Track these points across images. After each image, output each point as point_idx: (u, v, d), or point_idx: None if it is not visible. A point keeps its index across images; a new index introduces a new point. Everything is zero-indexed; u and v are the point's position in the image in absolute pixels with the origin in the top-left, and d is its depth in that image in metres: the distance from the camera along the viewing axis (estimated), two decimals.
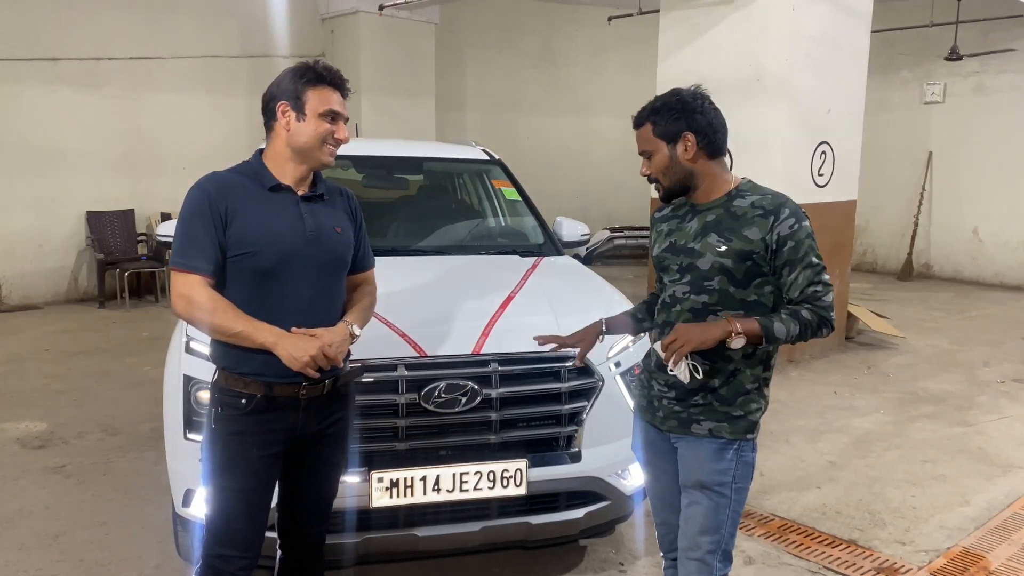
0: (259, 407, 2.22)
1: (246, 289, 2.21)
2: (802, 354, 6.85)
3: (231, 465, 2.24)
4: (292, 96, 2.23)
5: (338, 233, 2.35)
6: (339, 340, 2.25)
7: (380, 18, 10.39)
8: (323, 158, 2.28)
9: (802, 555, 3.55)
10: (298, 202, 2.29)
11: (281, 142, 2.27)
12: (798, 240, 2.18)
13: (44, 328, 7.63)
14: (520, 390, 2.88)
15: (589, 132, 13.17)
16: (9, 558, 3.42)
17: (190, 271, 2.17)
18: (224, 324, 2.16)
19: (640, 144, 2.31)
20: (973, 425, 5.34)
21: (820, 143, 6.75)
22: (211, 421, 2.26)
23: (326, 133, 2.25)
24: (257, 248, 2.19)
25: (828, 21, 6.63)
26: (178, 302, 2.20)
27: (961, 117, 11.05)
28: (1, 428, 4.98)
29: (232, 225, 2.19)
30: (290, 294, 2.23)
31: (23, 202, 8.61)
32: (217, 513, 2.27)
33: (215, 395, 2.27)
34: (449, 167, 5.15)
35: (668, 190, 2.32)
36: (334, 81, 2.27)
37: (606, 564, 3.43)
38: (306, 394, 2.25)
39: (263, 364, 2.19)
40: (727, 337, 2.13)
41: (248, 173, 2.30)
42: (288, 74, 2.27)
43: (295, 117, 2.23)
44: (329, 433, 2.36)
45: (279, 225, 2.23)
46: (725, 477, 2.26)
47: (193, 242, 2.18)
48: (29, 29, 8.52)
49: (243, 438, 2.23)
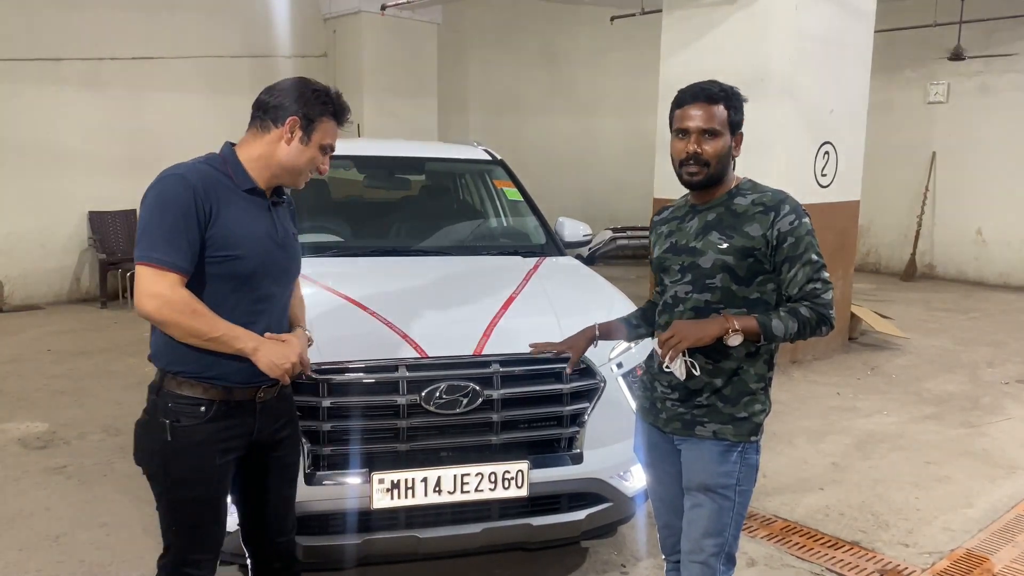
0: (219, 413, 2.14)
1: (220, 292, 2.11)
2: (805, 355, 6.84)
3: (196, 477, 2.15)
4: (307, 117, 2.16)
5: (296, 239, 2.36)
6: (306, 346, 2.27)
7: (382, 18, 10.38)
8: (301, 183, 2.26)
9: (805, 557, 3.53)
10: (269, 207, 2.25)
11: (271, 151, 2.18)
12: (798, 236, 2.17)
13: (46, 328, 7.63)
14: (521, 391, 2.86)
15: (591, 132, 13.16)
16: (10, 559, 3.41)
17: (167, 268, 2.02)
18: (203, 328, 2.04)
19: (706, 121, 2.19)
20: (977, 426, 5.32)
21: (823, 143, 6.74)
22: (167, 433, 2.11)
23: (316, 164, 2.22)
24: (240, 252, 2.11)
25: (831, 21, 6.61)
26: (149, 302, 2.02)
27: (965, 117, 11.01)
28: (2, 428, 4.97)
29: (215, 224, 2.09)
30: (265, 300, 2.19)
31: (25, 202, 8.61)
32: (184, 525, 2.20)
33: (166, 404, 2.12)
34: (451, 167, 5.15)
35: (710, 177, 2.23)
36: (342, 120, 2.25)
37: (608, 566, 3.42)
38: (263, 396, 2.21)
39: (228, 370, 2.12)
40: (724, 334, 2.11)
41: (221, 168, 2.18)
42: (309, 93, 2.18)
43: (300, 138, 2.17)
44: (284, 436, 2.33)
45: (258, 230, 2.18)
46: (729, 480, 2.25)
47: (173, 236, 2.03)
48: (31, 29, 8.52)
49: (204, 448, 2.13)
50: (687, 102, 2.23)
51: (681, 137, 2.23)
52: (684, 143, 2.22)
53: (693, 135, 2.20)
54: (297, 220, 2.46)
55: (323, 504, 2.71)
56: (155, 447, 2.15)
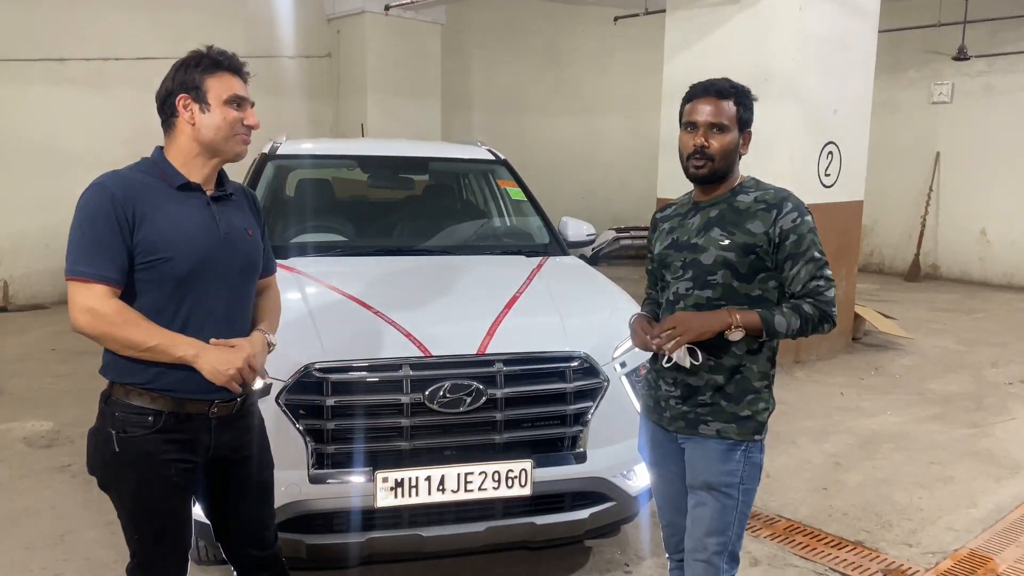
0: (168, 424, 2.04)
1: (157, 299, 2.02)
2: (808, 355, 6.83)
3: (148, 489, 2.07)
4: (191, 87, 2.05)
5: (249, 235, 2.21)
6: (259, 351, 2.14)
7: (386, 18, 10.39)
8: (236, 148, 2.12)
9: (808, 556, 3.53)
10: (208, 202, 2.12)
11: (186, 138, 2.08)
12: (800, 234, 2.17)
13: (51, 328, 7.66)
14: (525, 390, 2.87)
15: (595, 132, 13.15)
16: (15, 557, 3.42)
17: (94, 280, 1.94)
18: (137, 338, 1.95)
19: (714, 115, 2.20)
20: (981, 427, 5.31)
21: (827, 143, 6.73)
22: (114, 444, 2.03)
23: (235, 121, 2.08)
24: (170, 254, 2.00)
25: (835, 21, 6.60)
26: (80, 316, 1.95)
27: (969, 117, 10.99)
28: (8, 427, 4.99)
29: (140, 229, 1.99)
30: (206, 302, 2.07)
31: (30, 202, 8.63)
32: (145, 533, 2.13)
33: (114, 414, 2.04)
34: (454, 167, 5.16)
35: (714, 171, 2.23)
36: (232, 66, 2.11)
37: (611, 565, 3.42)
38: (217, 412, 2.11)
39: (177, 380, 2.03)
40: (726, 329, 2.12)
41: (151, 171, 2.09)
42: (181, 65, 2.08)
43: (199, 109, 2.06)
44: (248, 454, 2.24)
45: (192, 228, 2.05)
46: (732, 478, 2.25)
47: (96, 248, 1.95)
48: (36, 30, 8.55)
49: (153, 459, 2.04)
50: (698, 96, 2.25)
51: (689, 130, 2.25)
52: (692, 136, 2.23)
53: (701, 128, 2.21)
54: (260, 212, 2.35)
55: (327, 502, 2.72)
56: (105, 458, 2.08)
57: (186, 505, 2.16)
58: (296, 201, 4.69)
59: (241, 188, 2.34)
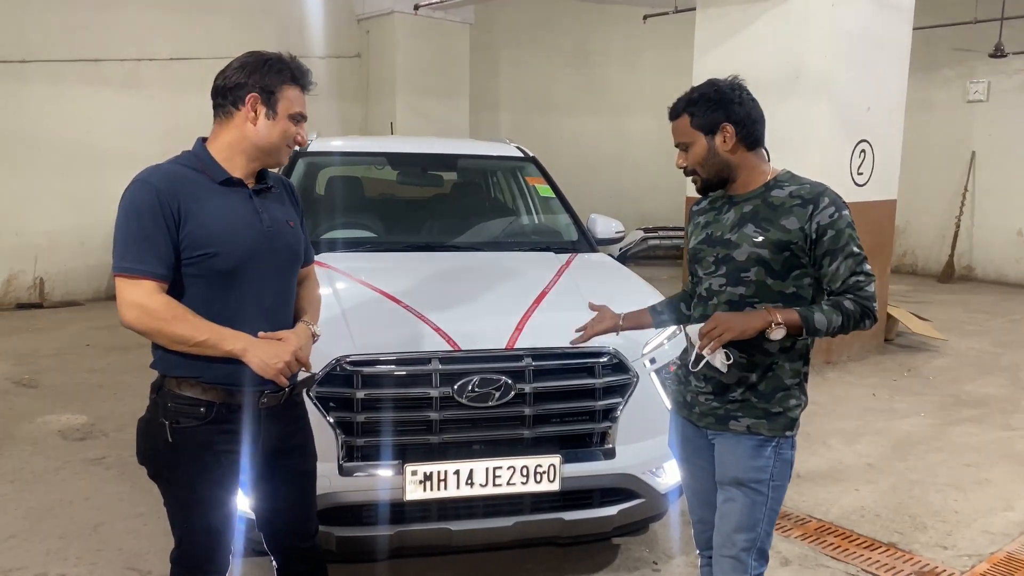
0: (219, 415, 2.07)
1: (204, 293, 2.04)
2: (840, 356, 6.75)
3: (198, 479, 2.10)
4: (266, 91, 2.07)
5: (291, 227, 2.23)
6: (305, 343, 2.15)
7: (415, 18, 10.44)
8: (281, 158, 2.16)
9: (840, 557, 3.49)
10: (251, 196, 2.14)
11: (240, 135, 2.09)
12: (838, 229, 2.14)
13: (85, 324, 7.77)
14: (553, 385, 2.86)
15: (624, 132, 13.11)
16: (51, 546, 3.48)
17: (143, 276, 1.96)
18: (186, 334, 1.97)
19: (676, 136, 2.27)
20: (1018, 429, 5.20)
21: (859, 141, 6.64)
22: (168, 435, 2.06)
23: (292, 135, 2.13)
24: (216, 248, 2.02)
25: (869, 17, 6.51)
26: (129, 312, 1.97)
27: (1006, 116, 10.78)
28: (44, 420, 5.08)
29: (186, 224, 2.00)
30: (252, 296, 2.09)
31: (65, 201, 8.78)
32: (192, 523, 2.16)
33: (168, 405, 2.07)
34: (483, 164, 5.16)
35: (706, 182, 2.28)
36: (306, 83, 2.15)
37: (640, 563, 3.40)
38: (267, 402, 2.13)
39: (227, 373, 2.05)
40: (767, 327, 2.09)
41: (194, 165, 2.10)
42: (261, 64, 2.08)
43: (265, 114, 2.08)
44: (295, 444, 2.28)
45: (236, 222, 2.07)
46: (762, 474, 2.22)
47: (144, 243, 1.97)
48: (71, 31, 8.70)
49: (205, 450, 2.08)
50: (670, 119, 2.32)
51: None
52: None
53: (679, 150, 2.30)
54: (299, 203, 2.38)
55: (356, 495, 2.73)
56: (156, 448, 2.11)
57: (233, 495, 2.19)
58: (326, 197, 4.73)
59: (280, 179, 2.34)
